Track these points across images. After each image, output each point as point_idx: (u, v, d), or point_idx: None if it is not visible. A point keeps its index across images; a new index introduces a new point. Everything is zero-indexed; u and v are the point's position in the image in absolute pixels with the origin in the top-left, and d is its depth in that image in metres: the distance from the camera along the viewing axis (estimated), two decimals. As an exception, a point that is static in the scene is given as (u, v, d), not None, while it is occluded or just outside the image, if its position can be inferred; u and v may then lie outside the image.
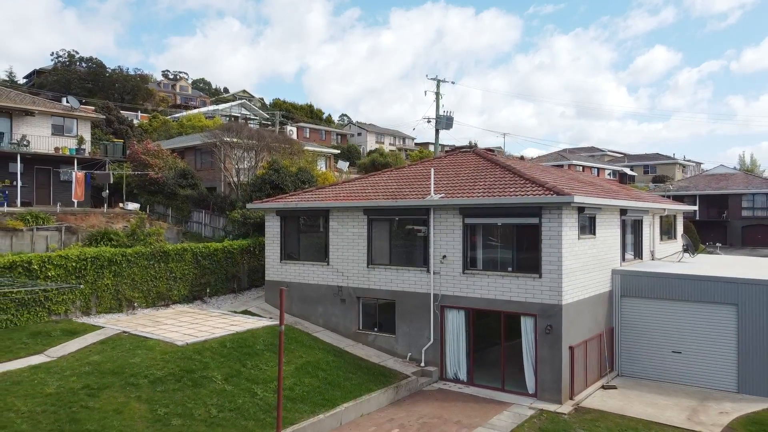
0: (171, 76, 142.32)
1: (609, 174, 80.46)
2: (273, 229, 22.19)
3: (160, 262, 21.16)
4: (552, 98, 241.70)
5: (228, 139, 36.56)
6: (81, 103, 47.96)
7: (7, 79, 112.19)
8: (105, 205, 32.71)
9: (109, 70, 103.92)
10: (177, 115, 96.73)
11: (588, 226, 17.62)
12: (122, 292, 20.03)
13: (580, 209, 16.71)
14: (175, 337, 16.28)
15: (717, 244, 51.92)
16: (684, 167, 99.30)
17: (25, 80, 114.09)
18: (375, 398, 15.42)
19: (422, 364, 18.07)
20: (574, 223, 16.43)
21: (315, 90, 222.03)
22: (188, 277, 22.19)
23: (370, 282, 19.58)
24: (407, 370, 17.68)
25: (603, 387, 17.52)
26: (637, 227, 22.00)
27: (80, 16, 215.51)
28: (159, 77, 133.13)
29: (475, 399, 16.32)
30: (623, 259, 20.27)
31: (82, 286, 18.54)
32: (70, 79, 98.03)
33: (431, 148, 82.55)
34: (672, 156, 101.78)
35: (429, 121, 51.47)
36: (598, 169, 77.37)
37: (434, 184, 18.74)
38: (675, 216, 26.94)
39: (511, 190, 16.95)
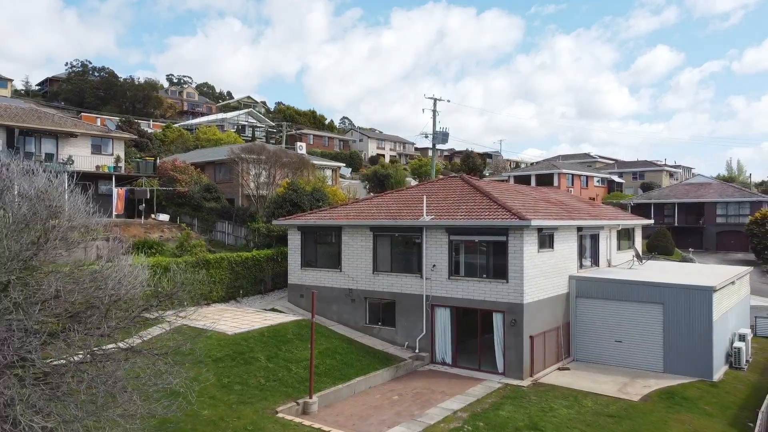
0: (175, 80, 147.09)
1: (598, 181, 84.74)
2: (295, 241, 26.91)
3: (203, 269, 25.85)
4: (553, 99, 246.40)
5: (245, 156, 41.34)
6: (118, 124, 52.75)
7: (23, 88, 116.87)
8: (142, 217, 37.40)
9: (121, 79, 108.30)
10: (185, 123, 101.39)
11: (547, 242, 22.32)
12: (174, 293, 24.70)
13: (539, 229, 21.41)
14: (225, 329, 20.97)
15: (690, 249, 56.69)
16: (672, 174, 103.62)
17: (37, 87, 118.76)
18: (380, 375, 20.13)
19: (417, 350, 22.73)
20: (534, 240, 21.12)
21: (316, 90, 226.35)
22: (225, 281, 26.88)
23: (375, 285, 24.28)
24: (405, 355, 22.38)
25: (559, 368, 22.21)
26: (594, 240, 26.70)
27: (81, 16, 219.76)
28: (162, 79, 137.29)
29: (457, 376, 21.01)
30: (580, 266, 24.98)
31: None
32: (84, 88, 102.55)
33: (430, 153, 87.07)
34: (663, 162, 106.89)
35: (427, 136, 56.46)
36: (587, 177, 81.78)
37: (426, 207, 23.39)
38: (633, 228, 31.62)
39: (486, 214, 21.64)
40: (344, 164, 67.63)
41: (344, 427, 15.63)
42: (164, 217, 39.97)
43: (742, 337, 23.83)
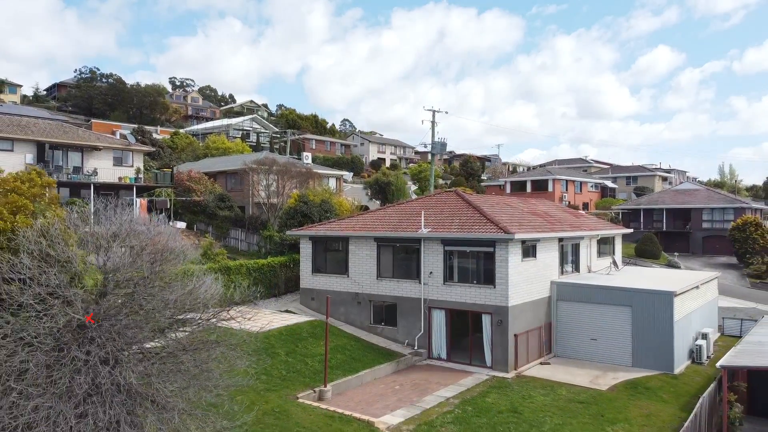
0: (178, 83, 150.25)
1: (591, 186, 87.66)
2: (306, 249, 29.94)
3: (225, 274, 28.85)
4: (554, 99, 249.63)
5: (256, 167, 44.45)
6: (132, 134, 55.86)
7: (32, 93, 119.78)
8: (162, 226, 40.35)
9: (128, 86, 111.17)
10: (191, 128, 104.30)
11: (530, 252, 25.33)
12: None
13: (523, 241, 24.43)
14: (249, 328, 23.95)
15: (675, 253, 59.71)
16: (665, 178, 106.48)
17: (45, 92, 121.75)
18: (383, 368, 23.16)
19: (415, 347, 25.74)
20: (518, 250, 24.15)
21: (316, 91, 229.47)
22: (243, 285, 29.86)
23: (378, 289, 27.30)
24: (405, 351, 25.41)
25: (540, 363, 25.23)
26: (575, 248, 29.71)
27: (81, 16, 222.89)
28: (164, 81, 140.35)
29: (451, 370, 24.03)
30: (561, 272, 27.99)
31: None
32: (93, 95, 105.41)
33: (429, 156, 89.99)
34: (658, 165, 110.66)
35: (426, 147, 59.80)
36: (581, 182, 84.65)
37: (424, 220, 26.40)
38: (614, 237, 34.64)
39: (476, 227, 24.66)
40: (347, 171, 70.66)
41: (354, 410, 18.63)
42: (181, 224, 43.00)
43: (704, 336, 26.84)
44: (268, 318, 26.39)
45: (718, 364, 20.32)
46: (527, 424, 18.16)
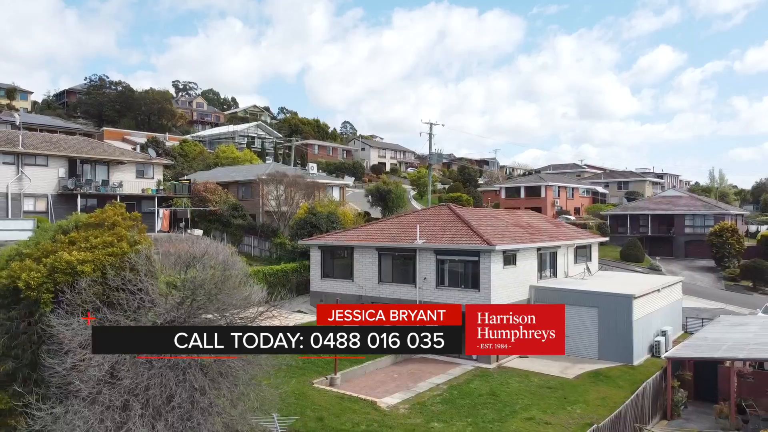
0: (181, 86, 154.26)
1: (583, 192, 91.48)
2: (315, 257, 33.89)
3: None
4: (554, 99, 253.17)
5: (268, 179, 48.46)
6: (148, 144, 59.86)
7: (43, 99, 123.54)
8: (183, 233, 44.32)
9: (137, 93, 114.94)
10: (198, 134, 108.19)
11: (511, 260, 29.27)
12: (223, 298, 31.71)
13: (504, 251, 28.38)
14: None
15: (656, 257, 63.69)
16: (655, 183, 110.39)
17: (54, 97, 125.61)
18: (384, 360, 27.07)
19: (412, 343, 29.65)
20: (499, 259, 28.10)
21: (317, 90, 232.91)
22: (282, 292, 33.79)
23: (380, 292, 31.23)
24: (402, 346, 29.33)
25: (520, 356, 29.14)
26: (553, 256, 33.66)
27: (81, 16, 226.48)
28: (166, 82, 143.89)
29: (442, 362, 27.91)
30: (540, 277, 31.93)
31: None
32: (102, 102, 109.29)
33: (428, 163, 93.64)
34: (650, 170, 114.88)
35: (423, 157, 63.90)
36: (572, 188, 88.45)
37: (419, 232, 30.33)
38: (590, 245, 38.59)
39: (464, 240, 28.60)
40: (348, 176, 74.49)
41: (360, 393, 22.58)
42: (198, 232, 46.92)
43: (663, 333, 30.77)
44: (289, 318, 30.34)
45: (663, 356, 24.23)
46: (502, 404, 22.10)
